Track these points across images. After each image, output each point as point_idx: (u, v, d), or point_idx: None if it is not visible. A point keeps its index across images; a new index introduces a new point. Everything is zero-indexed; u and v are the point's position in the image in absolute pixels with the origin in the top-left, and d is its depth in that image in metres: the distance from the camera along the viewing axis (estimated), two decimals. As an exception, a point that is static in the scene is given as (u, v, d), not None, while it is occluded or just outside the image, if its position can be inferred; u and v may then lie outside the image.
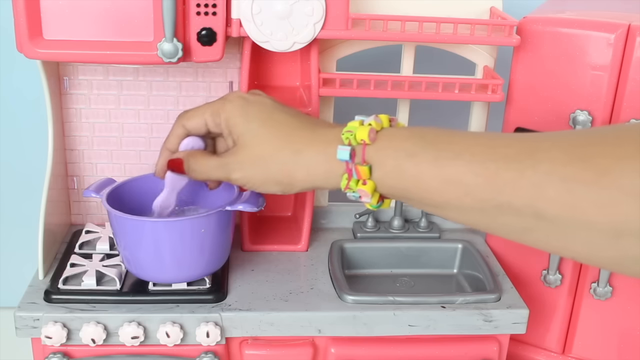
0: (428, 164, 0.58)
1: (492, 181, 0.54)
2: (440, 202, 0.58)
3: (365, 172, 0.61)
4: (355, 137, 0.61)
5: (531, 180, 0.52)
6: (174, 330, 0.79)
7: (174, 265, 0.80)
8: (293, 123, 0.67)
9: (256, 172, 0.67)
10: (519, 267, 0.96)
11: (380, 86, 0.90)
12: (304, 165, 0.64)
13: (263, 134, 0.67)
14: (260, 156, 0.66)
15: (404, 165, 0.59)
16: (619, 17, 0.85)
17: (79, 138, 0.94)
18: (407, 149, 0.59)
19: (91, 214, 0.98)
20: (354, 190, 0.62)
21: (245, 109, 0.69)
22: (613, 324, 0.93)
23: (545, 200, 0.51)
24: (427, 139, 0.60)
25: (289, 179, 0.66)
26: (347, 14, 0.83)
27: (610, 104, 0.85)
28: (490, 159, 0.55)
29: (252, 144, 0.67)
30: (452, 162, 0.57)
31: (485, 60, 0.95)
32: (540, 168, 0.52)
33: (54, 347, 0.79)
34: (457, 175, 0.56)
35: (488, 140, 0.57)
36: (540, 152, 0.53)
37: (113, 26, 0.78)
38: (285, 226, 1.00)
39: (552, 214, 0.51)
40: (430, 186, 0.58)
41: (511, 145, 0.55)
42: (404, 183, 0.60)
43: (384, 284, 0.94)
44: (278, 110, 0.69)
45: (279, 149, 0.65)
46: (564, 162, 0.51)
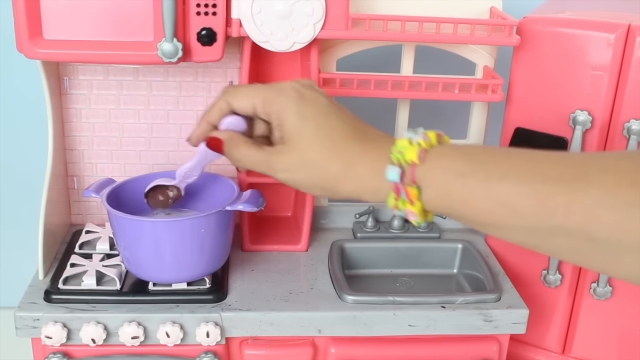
0: (477, 185, 0.58)
1: (543, 204, 0.55)
2: (489, 221, 0.59)
3: (414, 194, 0.61)
4: (404, 157, 0.61)
5: (584, 205, 0.53)
6: (174, 330, 0.79)
7: (174, 265, 0.80)
8: (346, 131, 0.66)
9: (304, 177, 0.66)
10: (519, 267, 0.96)
11: (380, 86, 0.90)
12: (352, 179, 0.64)
13: (316, 140, 0.65)
14: (310, 163, 0.65)
15: (453, 185, 0.59)
16: (619, 17, 0.85)
17: (79, 138, 0.94)
18: (456, 169, 0.59)
19: (91, 214, 0.98)
20: (401, 210, 0.62)
21: (300, 107, 0.67)
22: (613, 324, 0.93)
23: (597, 223, 0.52)
24: (475, 158, 0.60)
25: (335, 188, 0.65)
26: (347, 14, 0.83)
27: (610, 104, 0.85)
28: (539, 180, 0.55)
29: (304, 148, 0.65)
30: (501, 183, 0.57)
31: (485, 60, 0.95)
32: (593, 192, 0.52)
33: (54, 347, 0.79)
34: (506, 197, 0.57)
35: (536, 159, 0.58)
36: (591, 175, 0.53)
37: (113, 26, 0.78)
38: (285, 226, 0.99)
39: (604, 236, 0.52)
40: (479, 207, 0.58)
41: (561, 166, 0.56)
42: (452, 203, 0.60)
43: (384, 284, 0.94)
44: (332, 114, 0.67)
45: (330, 160, 0.64)
46: (616, 186, 0.52)
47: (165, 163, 0.96)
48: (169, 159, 0.96)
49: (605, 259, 0.54)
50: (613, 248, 0.52)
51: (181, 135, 0.95)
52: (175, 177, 0.79)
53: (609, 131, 0.86)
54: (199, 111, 0.94)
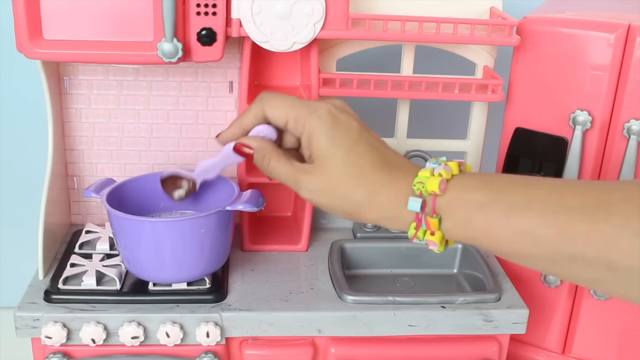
0: (498, 215, 0.59)
1: (564, 233, 0.55)
2: (510, 251, 0.59)
3: (435, 224, 0.61)
4: (426, 188, 0.62)
5: (605, 234, 0.53)
6: (174, 330, 0.79)
7: (174, 265, 0.80)
8: (374, 160, 0.66)
9: (327, 200, 0.67)
10: (519, 267, 0.96)
11: (380, 86, 0.90)
12: (376, 208, 0.65)
13: (344, 168, 0.66)
14: (335, 188, 0.66)
15: (474, 216, 0.60)
16: (619, 17, 0.85)
17: (79, 138, 0.94)
18: (477, 200, 0.60)
19: (91, 214, 0.98)
20: (421, 240, 0.63)
21: (332, 131, 0.67)
22: (613, 324, 0.93)
23: (618, 252, 0.53)
24: (496, 188, 0.60)
25: (358, 215, 0.66)
26: (347, 14, 0.83)
27: (610, 104, 0.85)
28: (560, 210, 0.56)
29: (331, 172, 0.66)
30: (522, 213, 0.57)
31: (485, 60, 0.95)
32: (614, 221, 0.53)
33: (54, 347, 0.79)
34: (527, 227, 0.57)
35: (556, 189, 0.58)
36: (612, 204, 0.54)
37: (113, 26, 0.78)
38: (285, 226, 0.99)
39: (625, 265, 0.53)
40: (500, 237, 0.59)
41: (581, 195, 0.56)
42: (473, 233, 0.60)
43: (384, 284, 0.94)
44: (362, 140, 0.67)
45: (355, 188, 0.65)
46: (637, 216, 0.52)
47: (165, 163, 0.96)
48: (169, 159, 0.96)
49: (627, 286, 0.54)
50: (634, 276, 0.53)
51: (181, 135, 0.95)
52: (195, 170, 0.79)
53: (609, 131, 0.86)
54: (199, 111, 0.95)
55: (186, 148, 0.96)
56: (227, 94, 0.94)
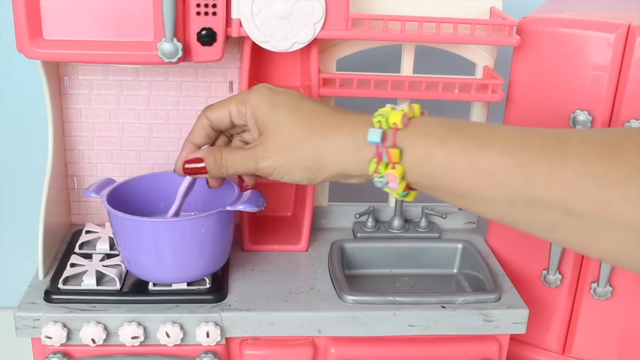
0: (458, 152, 0.58)
1: (522, 173, 0.54)
2: (468, 191, 0.58)
3: (396, 155, 0.60)
4: (387, 120, 0.61)
5: (562, 176, 0.52)
6: (174, 330, 0.79)
7: (174, 265, 0.80)
8: (321, 110, 0.67)
9: (285, 159, 0.66)
10: (519, 267, 0.96)
11: (380, 86, 0.90)
12: (333, 149, 0.64)
13: (291, 120, 0.66)
14: (288, 142, 0.66)
15: (435, 151, 0.59)
16: (619, 17, 0.85)
17: (79, 138, 0.94)
18: (438, 135, 0.60)
19: (91, 214, 0.98)
20: (383, 175, 0.62)
21: (271, 97, 0.68)
22: (613, 324, 0.93)
23: (575, 196, 0.52)
24: (458, 127, 0.60)
25: (317, 164, 0.65)
26: (347, 14, 0.83)
27: (610, 104, 0.85)
28: (520, 150, 0.55)
29: (280, 131, 0.66)
30: (482, 151, 0.57)
31: (485, 60, 0.95)
32: (572, 164, 0.52)
33: (54, 347, 0.79)
34: (487, 165, 0.56)
35: (518, 132, 0.57)
36: (571, 147, 0.53)
37: (113, 26, 0.78)
38: (285, 226, 0.99)
39: (582, 210, 0.52)
40: (459, 175, 0.58)
41: (541, 139, 0.55)
42: (433, 170, 0.60)
43: (384, 284, 0.94)
44: (305, 99, 0.69)
45: (308, 133, 0.65)
46: (596, 158, 0.51)
47: (165, 163, 0.96)
48: (169, 159, 0.96)
49: (582, 235, 0.53)
50: (590, 223, 0.52)
51: (181, 135, 0.95)
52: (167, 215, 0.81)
53: (609, 131, 0.86)
54: (199, 111, 0.94)
55: (186, 148, 0.96)
56: (227, 94, 0.94)
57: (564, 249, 0.90)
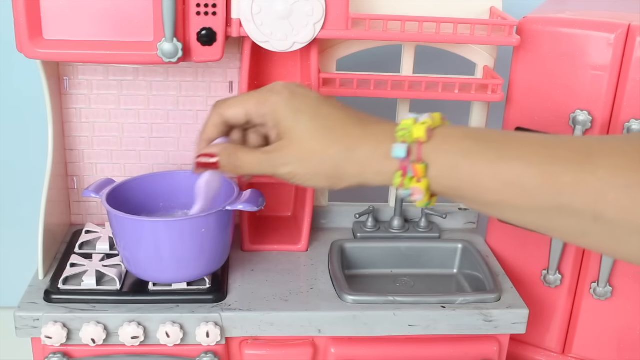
0: (484, 164, 0.58)
1: (551, 184, 0.55)
2: (495, 201, 0.59)
3: (422, 171, 0.60)
4: (411, 134, 0.61)
5: (592, 185, 0.53)
6: (174, 330, 0.79)
7: (174, 265, 0.80)
8: (342, 118, 0.66)
9: (306, 167, 0.65)
10: (519, 267, 0.96)
11: (380, 86, 0.90)
12: (356, 162, 0.63)
13: (313, 128, 0.65)
14: (310, 152, 0.65)
15: (460, 164, 0.59)
16: (619, 17, 0.85)
17: (79, 138, 0.94)
18: (463, 148, 0.60)
19: (91, 214, 0.98)
20: (408, 188, 0.62)
21: (292, 101, 0.67)
22: (613, 324, 0.93)
23: (605, 203, 0.53)
24: (483, 138, 0.60)
25: (339, 174, 0.65)
26: (347, 14, 0.83)
27: (610, 104, 0.85)
28: (547, 161, 0.56)
29: (302, 139, 0.65)
30: (509, 162, 0.57)
31: (485, 60, 0.95)
32: (601, 173, 0.53)
33: (54, 347, 0.79)
34: (514, 176, 0.57)
35: (544, 141, 0.58)
36: (599, 156, 0.54)
37: (113, 26, 0.78)
38: (285, 226, 0.99)
39: (611, 217, 0.53)
40: (486, 186, 0.58)
41: (568, 148, 0.56)
42: (459, 182, 0.60)
43: (384, 284, 0.94)
44: (325, 104, 0.67)
45: (330, 145, 0.64)
46: (624, 167, 0.52)
47: (165, 163, 0.96)
48: (169, 159, 0.96)
49: (611, 240, 0.54)
50: (620, 229, 0.53)
51: (181, 135, 0.95)
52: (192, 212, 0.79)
53: (609, 131, 0.86)
54: (199, 111, 0.95)
55: (186, 148, 0.96)
56: (227, 94, 0.94)
57: (564, 249, 0.90)
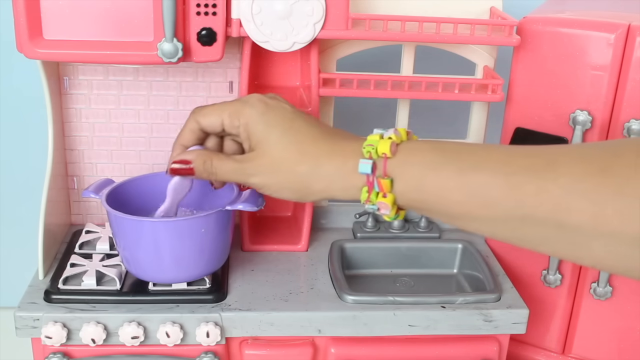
0: (450, 177, 0.59)
1: (514, 193, 0.56)
2: (461, 213, 0.59)
3: (387, 185, 0.61)
4: (376, 150, 0.62)
5: (553, 193, 0.54)
6: (174, 330, 0.79)
7: (174, 265, 0.80)
8: (313, 133, 0.67)
9: (275, 179, 0.67)
10: (519, 267, 0.96)
11: (380, 86, 0.90)
12: (323, 178, 0.65)
13: (283, 143, 0.66)
14: (278, 165, 0.66)
15: (426, 177, 0.60)
16: (619, 17, 0.85)
17: (79, 138, 0.94)
18: (428, 162, 0.60)
19: (91, 214, 0.98)
20: (374, 203, 0.63)
21: (265, 115, 0.68)
22: (613, 324, 0.93)
23: (568, 211, 0.53)
24: (447, 151, 0.61)
25: (306, 189, 0.66)
26: (347, 14, 0.83)
27: (610, 104, 0.85)
28: (511, 171, 0.56)
29: (272, 152, 0.67)
30: (474, 174, 0.58)
31: (485, 60, 0.95)
32: (562, 181, 0.53)
33: (54, 347, 0.79)
34: (478, 187, 0.57)
35: (508, 153, 0.58)
36: (561, 166, 0.54)
37: (113, 26, 0.78)
38: (285, 226, 0.99)
39: (575, 224, 0.53)
40: (451, 198, 0.59)
41: (531, 157, 0.57)
42: (425, 195, 0.61)
43: (384, 284, 0.94)
44: (298, 118, 0.69)
45: (298, 161, 0.65)
46: (585, 173, 0.53)
47: (165, 163, 0.96)
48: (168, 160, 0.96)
49: (575, 246, 0.55)
50: (583, 235, 0.53)
51: (181, 135, 0.95)
52: None
53: (609, 131, 0.86)
54: (199, 111, 0.94)
55: (186, 148, 0.96)
56: (227, 94, 0.94)
57: (564, 249, 0.90)
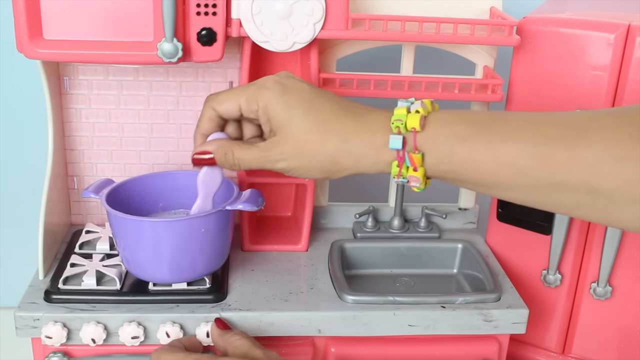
0: (480, 147, 0.59)
1: (546, 162, 0.57)
2: (493, 182, 0.60)
3: (419, 160, 0.62)
4: (405, 125, 0.62)
5: (586, 160, 0.55)
6: (174, 330, 0.79)
7: (174, 265, 0.80)
8: (335, 110, 0.66)
9: (302, 162, 0.66)
10: (519, 267, 0.96)
11: (380, 86, 0.90)
12: (351, 155, 0.64)
13: (305, 124, 0.65)
14: (305, 147, 0.65)
15: (456, 149, 0.60)
16: (619, 17, 0.85)
17: (79, 138, 0.94)
18: (458, 133, 0.61)
19: (91, 214, 0.98)
20: (405, 177, 0.63)
21: (284, 96, 0.67)
22: (613, 324, 0.93)
23: (600, 176, 0.55)
24: (476, 122, 0.61)
25: (336, 166, 0.66)
26: (347, 14, 0.83)
27: (610, 104, 0.85)
28: (542, 141, 0.57)
29: (295, 135, 0.66)
30: (504, 144, 0.58)
31: (485, 60, 0.95)
32: (594, 148, 0.55)
33: (54, 347, 0.79)
34: (510, 157, 0.58)
35: (536, 120, 0.59)
36: (592, 131, 0.56)
37: (113, 26, 0.78)
38: (285, 226, 1.00)
39: (607, 189, 0.55)
40: (483, 168, 0.60)
41: (560, 127, 0.57)
42: (456, 167, 0.61)
43: (384, 284, 0.94)
44: (318, 96, 0.68)
45: (324, 140, 0.65)
46: (617, 140, 0.54)
47: (165, 163, 0.96)
48: (169, 159, 0.96)
49: (608, 210, 0.56)
50: (614, 199, 0.55)
51: (181, 135, 0.95)
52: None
53: (609, 131, 0.86)
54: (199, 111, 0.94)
55: (186, 148, 0.96)
56: (227, 94, 0.94)
57: (563, 248, 0.90)
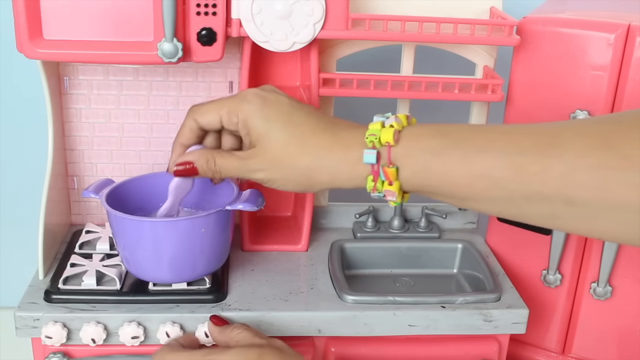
0: (455, 160, 0.60)
1: (520, 173, 0.56)
2: (467, 195, 0.60)
3: (393, 174, 0.62)
4: (379, 139, 0.62)
5: (559, 171, 0.55)
6: (174, 330, 0.79)
7: (174, 265, 0.80)
8: (313, 125, 0.67)
9: (279, 173, 0.67)
10: (519, 267, 0.96)
11: (380, 86, 0.90)
12: (326, 170, 0.65)
13: (284, 137, 0.66)
14: (281, 160, 0.66)
15: (431, 164, 0.61)
16: (619, 17, 0.85)
17: (79, 138, 0.94)
18: (432, 147, 0.61)
19: (91, 214, 0.98)
20: (380, 191, 0.63)
21: (264, 110, 0.68)
22: (613, 324, 0.93)
23: (574, 186, 0.54)
24: (450, 135, 0.61)
25: (310, 181, 0.66)
26: (347, 14, 0.83)
27: (610, 104, 0.85)
28: (515, 151, 0.57)
29: (273, 147, 0.67)
30: (478, 156, 0.58)
31: (485, 60, 0.95)
32: (567, 158, 0.54)
33: (54, 347, 0.79)
34: (484, 169, 0.58)
35: (510, 132, 0.59)
36: (564, 142, 0.55)
37: (113, 26, 0.78)
38: (285, 226, 0.99)
39: (582, 198, 0.54)
40: (458, 182, 0.60)
41: (534, 136, 0.57)
42: (430, 180, 0.61)
43: (384, 284, 0.94)
44: (297, 110, 0.69)
45: (301, 154, 0.66)
46: (590, 147, 0.54)
47: (165, 163, 0.96)
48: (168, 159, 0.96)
49: (583, 220, 0.56)
50: (591, 208, 0.54)
51: (181, 135, 0.95)
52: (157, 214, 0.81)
53: (609, 131, 0.86)
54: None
55: (186, 148, 0.96)
56: (227, 94, 0.94)
57: (563, 248, 0.91)
